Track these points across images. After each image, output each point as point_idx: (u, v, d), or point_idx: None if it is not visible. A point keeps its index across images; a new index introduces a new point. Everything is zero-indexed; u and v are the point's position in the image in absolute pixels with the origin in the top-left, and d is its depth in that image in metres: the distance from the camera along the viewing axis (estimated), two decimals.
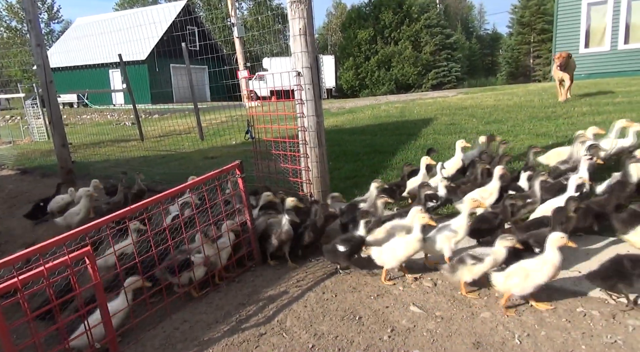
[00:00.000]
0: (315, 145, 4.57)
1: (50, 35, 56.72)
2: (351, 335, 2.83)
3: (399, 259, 3.33)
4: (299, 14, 4.25)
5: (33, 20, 7.05)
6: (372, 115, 11.78)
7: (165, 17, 29.42)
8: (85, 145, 12.44)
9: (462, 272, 3.05)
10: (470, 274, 3.04)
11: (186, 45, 10.67)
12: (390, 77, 37.59)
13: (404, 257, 3.32)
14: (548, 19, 38.61)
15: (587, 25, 18.00)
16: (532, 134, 7.19)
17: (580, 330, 2.64)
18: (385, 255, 3.39)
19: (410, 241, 3.29)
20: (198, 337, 2.98)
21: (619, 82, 13.48)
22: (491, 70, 58.09)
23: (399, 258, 3.33)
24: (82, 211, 5.29)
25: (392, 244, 3.38)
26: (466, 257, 3.05)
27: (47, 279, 2.57)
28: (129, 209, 3.08)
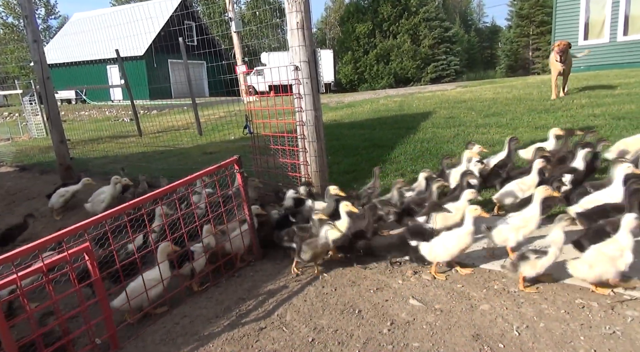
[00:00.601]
0: (314, 140, 4.56)
1: (48, 31, 56.48)
2: (351, 328, 2.85)
3: (451, 253, 3.26)
4: (297, 8, 4.23)
5: (29, 16, 7.00)
6: (371, 110, 11.76)
7: (163, 12, 29.27)
8: (83, 141, 12.41)
9: (524, 268, 2.98)
10: (533, 270, 2.95)
11: (184, 41, 10.62)
12: (389, 71, 37.50)
13: (457, 251, 3.25)
14: (547, 11, 38.41)
15: (586, 17, 17.92)
16: (531, 126, 7.18)
17: (578, 321, 2.65)
18: (437, 249, 3.29)
19: (462, 234, 3.21)
20: (198, 332, 2.99)
21: (618, 74, 13.44)
22: (490, 64, 57.90)
23: (452, 252, 3.25)
24: (107, 198, 5.34)
25: (443, 239, 3.28)
26: (528, 252, 2.99)
27: (47, 275, 2.57)
28: (136, 201, 3.08)
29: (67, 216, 5.95)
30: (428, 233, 3.45)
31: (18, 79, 26.93)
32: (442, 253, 3.28)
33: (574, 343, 2.48)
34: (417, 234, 3.47)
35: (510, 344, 2.54)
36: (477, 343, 2.57)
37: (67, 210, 6.10)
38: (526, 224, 3.29)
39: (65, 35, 35.10)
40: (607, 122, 6.79)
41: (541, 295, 2.95)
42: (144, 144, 10.73)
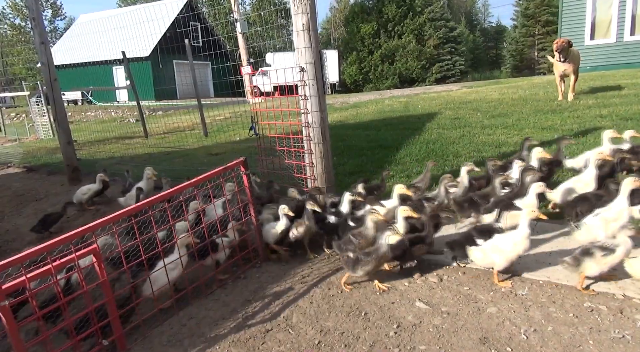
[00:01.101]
0: (319, 141, 4.56)
1: (54, 33, 56.89)
2: (357, 331, 2.84)
3: (510, 259, 3.07)
4: (302, 9, 4.23)
5: (37, 18, 7.05)
6: (376, 110, 11.75)
7: (168, 13, 29.39)
8: (90, 142, 12.48)
9: (588, 264, 2.85)
10: (598, 267, 2.82)
11: (189, 42, 10.66)
12: (394, 71, 37.47)
13: (515, 257, 3.07)
14: (553, 10, 38.23)
15: (592, 17, 17.81)
16: (538, 127, 7.15)
17: (587, 325, 2.63)
18: (493, 255, 3.10)
19: (520, 239, 3.02)
20: (205, 334, 3.00)
21: (625, 74, 13.36)
22: (495, 64, 57.69)
23: (510, 258, 3.07)
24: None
25: (498, 243, 3.09)
26: (594, 248, 2.86)
27: (55, 277, 2.58)
28: (145, 203, 3.10)
29: (101, 211, 5.98)
30: (497, 232, 3.24)
31: (25, 80, 27.14)
32: (500, 259, 3.08)
33: (582, 347, 2.47)
34: (485, 233, 3.29)
35: (518, 347, 2.52)
36: (484, 346, 2.56)
37: (102, 204, 6.17)
38: (617, 218, 3.07)
39: (71, 37, 35.36)
40: (614, 122, 6.75)
41: (549, 298, 2.93)
42: (149, 145, 10.79)
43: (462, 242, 3.36)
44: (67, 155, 7.52)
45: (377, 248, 3.15)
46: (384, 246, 3.13)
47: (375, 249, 3.16)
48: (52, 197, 7.04)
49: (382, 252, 3.14)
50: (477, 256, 3.20)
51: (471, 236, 3.36)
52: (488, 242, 3.16)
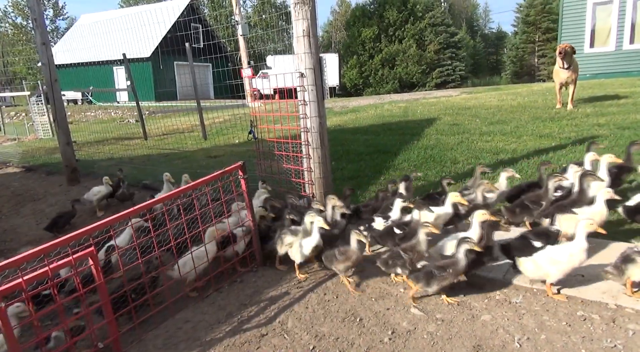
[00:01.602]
0: (318, 146, 4.58)
1: (56, 32, 56.96)
2: (352, 337, 2.86)
3: (565, 271, 2.90)
4: (303, 15, 4.26)
5: (38, 19, 7.08)
6: (375, 115, 11.78)
7: (169, 15, 29.46)
8: (89, 143, 12.49)
9: (632, 271, 2.81)
10: None
11: (190, 45, 10.69)
12: (394, 75, 37.59)
13: (570, 270, 2.91)
14: (553, 17, 38.43)
15: (592, 25, 17.91)
16: (536, 135, 7.19)
17: (580, 334, 2.65)
18: (547, 267, 2.93)
19: (576, 251, 2.86)
20: (200, 338, 3.01)
21: (623, 82, 13.43)
22: (495, 69, 57.91)
23: (565, 270, 2.90)
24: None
25: (552, 255, 2.93)
26: (633, 253, 2.82)
27: (52, 279, 2.59)
28: (136, 208, 3.11)
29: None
30: (554, 236, 3.17)
31: (25, 79, 27.13)
32: (555, 271, 2.91)
33: None
34: (542, 236, 3.22)
35: None
36: None
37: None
38: None
39: (72, 37, 35.40)
40: (611, 131, 6.78)
41: (543, 306, 2.95)
42: (148, 147, 10.80)
43: (518, 246, 3.20)
44: (66, 155, 7.54)
45: (454, 262, 2.98)
46: (463, 260, 2.96)
47: (452, 263, 2.98)
48: (51, 197, 7.05)
49: (460, 266, 2.97)
50: (528, 268, 3.02)
51: (527, 239, 3.23)
52: (540, 253, 3.00)
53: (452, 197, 3.77)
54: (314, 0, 4.27)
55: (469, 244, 2.96)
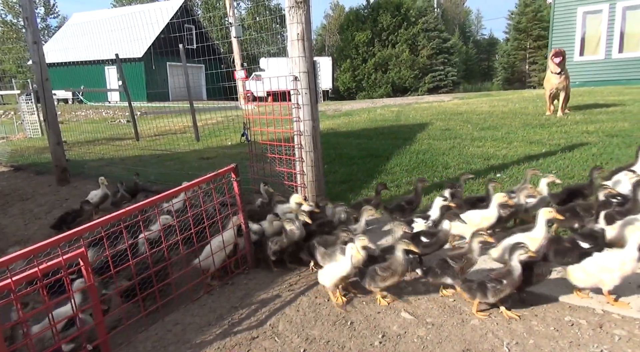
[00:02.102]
0: (311, 150, 4.59)
1: (47, 30, 56.44)
2: (342, 340, 2.86)
3: (614, 282, 2.81)
4: (297, 19, 4.28)
5: (30, 18, 7.02)
6: (368, 119, 11.83)
7: (163, 15, 29.36)
8: (79, 143, 12.39)
9: None
10: None
11: (183, 46, 10.66)
12: (387, 79, 37.74)
13: (619, 281, 2.81)
14: (544, 25, 38.87)
15: (582, 33, 18.18)
16: (526, 141, 7.27)
17: (567, 339, 2.68)
18: (601, 275, 2.82)
19: (628, 259, 2.75)
20: (190, 340, 3.00)
21: (612, 90, 13.64)
22: (487, 75, 58.41)
23: (615, 281, 2.81)
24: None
25: (603, 262, 2.82)
26: None
27: (41, 280, 2.57)
28: (123, 211, 3.10)
29: None
30: (600, 237, 3.11)
31: (15, 77, 26.82)
32: (610, 278, 2.80)
33: None
34: (589, 238, 3.16)
35: None
36: None
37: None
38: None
39: (64, 35, 35.10)
40: (600, 139, 6.88)
41: (531, 311, 2.98)
42: (140, 148, 10.73)
43: (567, 249, 3.12)
44: (56, 155, 7.46)
45: (509, 271, 2.82)
46: (518, 268, 2.80)
47: (508, 273, 2.83)
48: (39, 197, 6.98)
49: (516, 276, 2.81)
50: (578, 276, 2.89)
51: (576, 241, 3.12)
52: (589, 261, 2.89)
53: (498, 198, 3.64)
54: (309, 5, 4.29)
55: (524, 251, 2.78)
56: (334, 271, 3.19)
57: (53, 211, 6.23)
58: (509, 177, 5.45)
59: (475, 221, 3.65)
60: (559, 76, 9.00)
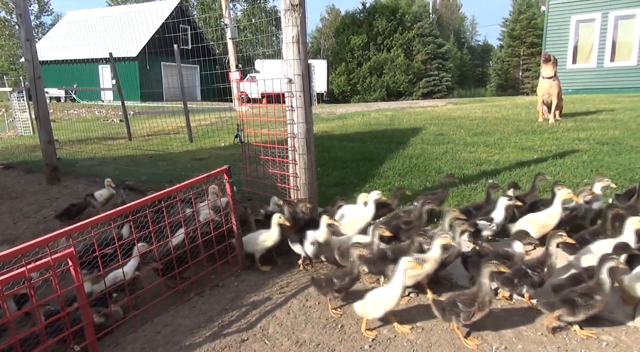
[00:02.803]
0: (304, 152, 4.59)
1: (40, 28, 56.03)
2: (333, 343, 2.86)
3: None
4: (293, 22, 4.29)
5: (23, 15, 6.97)
6: (362, 122, 11.86)
7: (158, 15, 29.28)
8: (71, 141, 12.28)
9: None
10: None
11: (178, 46, 10.63)
12: (381, 83, 37.89)
13: None
14: (538, 33, 39.34)
15: (575, 41, 18.41)
16: (518, 147, 7.32)
17: (556, 344, 2.70)
18: None
19: None
20: (179, 342, 2.98)
21: (604, 99, 13.80)
22: (481, 81, 58.90)
23: None
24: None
25: None
26: None
27: (29, 280, 2.54)
28: (122, 209, 3.07)
29: None
30: None
31: (7, 74, 26.55)
32: None
33: None
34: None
35: None
36: None
37: None
38: None
39: (58, 33, 34.88)
40: (591, 146, 6.95)
41: (521, 317, 3.00)
42: (132, 147, 10.67)
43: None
44: (47, 154, 7.40)
45: (600, 285, 2.61)
46: (607, 282, 2.59)
47: (598, 287, 2.62)
48: (29, 195, 6.90)
49: (606, 291, 2.60)
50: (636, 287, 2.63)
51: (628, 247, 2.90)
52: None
53: (562, 195, 3.56)
54: (305, 8, 4.30)
55: (614, 262, 2.57)
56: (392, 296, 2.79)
57: (42, 209, 6.16)
58: (501, 182, 5.48)
59: (541, 221, 3.57)
60: (550, 80, 9.23)
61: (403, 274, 2.79)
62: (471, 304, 2.63)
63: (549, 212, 3.66)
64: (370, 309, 2.83)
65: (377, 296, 2.84)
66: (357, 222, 4.13)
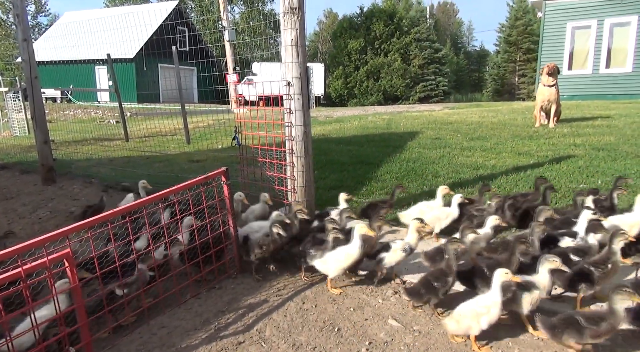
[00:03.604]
0: (302, 155, 4.59)
1: (37, 28, 55.85)
2: (329, 347, 2.85)
3: None
4: (292, 25, 4.30)
5: (21, 15, 6.95)
6: (359, 126, 11.88)
7: (156, 17, 29.27)
8: (67, 142, 12.24)
9: None
10: None
11: (176, 48, 10.63)
12: (378, 87, 38.03)
13: None
14: (534, 39, 39.56)
15: (571, 48, 18.55)
16: (515, 152, 7.36)
17: (552, 349, 2.70)
18: None
19: None
20: (175, 344, 2.96)
21: (599, 105, 13.90)
22: (477, 86, 59.20)
23: None
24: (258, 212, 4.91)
25: None
26: None
27: (25, 281, 2.52)
28: (111, 212, 3.06)
29: None
30: None
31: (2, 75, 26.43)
32: None
33: None
34: None
35: None
36: None
37: None
38: None
39: (55, 34, 34.76)
40: (586, 152, 7.00)
41: (517, 321, 3.00)
42: (129, 148, 10.64)
43: None
44: (43, 154, 7.36)
45: None
46: None
47: None
48: (24, 196, 6.86)
49: None
50: None
51: None
52: None
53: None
54: (303, 11, 4.31)
55: None
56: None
57: (38, 210, 6.13)
58: (497, 187, 5.50)
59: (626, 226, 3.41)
60: (550, 88, 9.40)
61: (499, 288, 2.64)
62: (597, 323, 2.36)
63: (632, 220, 3.53)
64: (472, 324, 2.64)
65: (473, 308, 2.67)
66: (441, 220, 4.24)
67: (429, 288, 2.98)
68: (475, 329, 2.63)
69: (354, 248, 3.32)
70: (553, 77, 9.40)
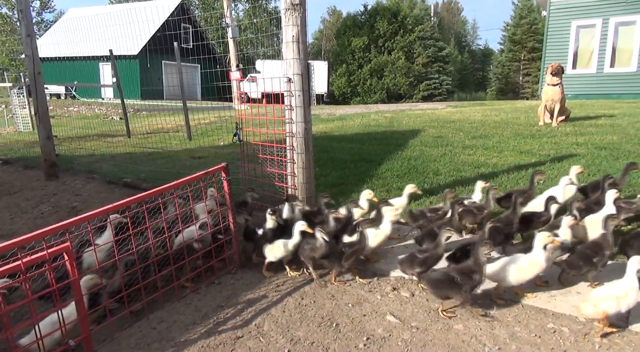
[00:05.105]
0: (303, 152, 4.60)
1: (41, 24, 56.00)
2: (327, 342, 2.86)
3: None
4: (293, 21, 4.30)
5: (24, 10, 6.98)
6: (361, 124, 11.87)
7: (159, 14, 29.27)
8: (70, 138, 12.28)
9: None
10: None
11: (179, 45, 10.64)
12: (382, 86, 37.95)
13: None
14: (539, 38, 39.41)
15: (575, 47, 18.46)
16: (517, 151, 7.33)
17: (549, 346, 2.71)
18: None
19: None
20: (174, 338, 2.98)
21: (603, 104, 13.83)
22: (481, 85, 59.01)
23: None
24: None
25: None
26: None
27: (24, 274, 2.55)
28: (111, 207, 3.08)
29: None
30: None
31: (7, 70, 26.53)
32: None
33: None
34: None
35: None
36: None
37: None
38: None
39: (59, 30, 34.85)
40: (589, 151, 6.97)
41: (515, 318, 3.01)
42: (131, 145, 10.67)
43: None
44: (46, 149, 7.40)
45: None
46: None
47: None
48: (27, 191, 6.91)
49: None
50: None
51: None
52: None
53: None
54: (305, 7, 4.31)
55: None
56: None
57: (40, 205, 6.16)
58: (499, 185, 5.49)
59: None
60: (556, 87, 9.41)
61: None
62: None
63: None
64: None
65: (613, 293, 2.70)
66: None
67: (586, 261, 3.13)
68: (613, 310, 2.68)
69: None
70: (557, 76, 9.42)
